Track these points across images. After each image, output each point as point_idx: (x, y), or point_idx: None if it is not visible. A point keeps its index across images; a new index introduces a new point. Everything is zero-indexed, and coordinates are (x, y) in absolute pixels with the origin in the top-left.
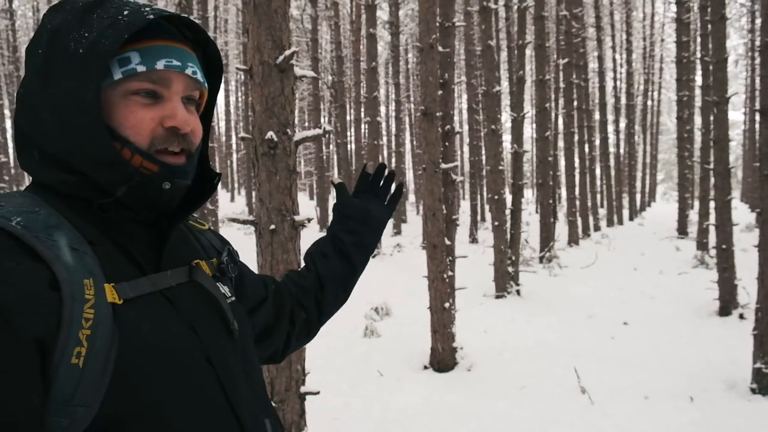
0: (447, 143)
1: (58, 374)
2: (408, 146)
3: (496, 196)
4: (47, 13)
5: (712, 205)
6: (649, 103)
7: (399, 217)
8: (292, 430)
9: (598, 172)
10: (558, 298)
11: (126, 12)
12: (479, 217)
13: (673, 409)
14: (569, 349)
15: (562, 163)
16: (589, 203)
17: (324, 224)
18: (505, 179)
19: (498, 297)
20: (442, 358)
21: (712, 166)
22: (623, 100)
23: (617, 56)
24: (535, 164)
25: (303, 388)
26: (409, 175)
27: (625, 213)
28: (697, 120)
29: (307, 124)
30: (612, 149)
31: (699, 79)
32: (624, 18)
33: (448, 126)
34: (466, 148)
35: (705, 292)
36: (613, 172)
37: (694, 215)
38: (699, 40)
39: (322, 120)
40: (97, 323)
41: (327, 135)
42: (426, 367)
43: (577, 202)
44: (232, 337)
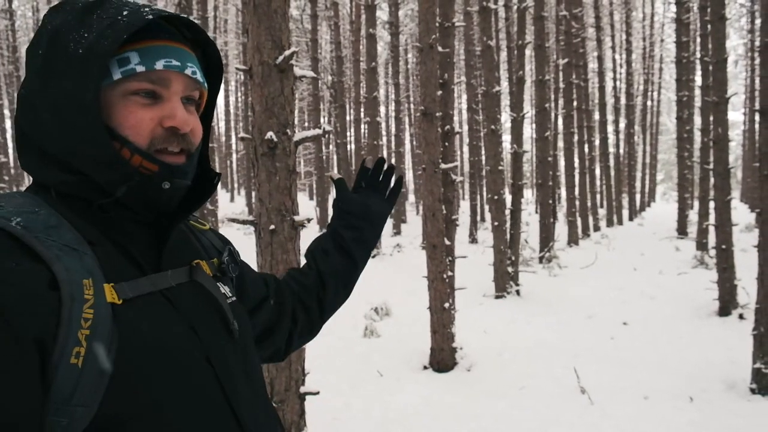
0: (447, 143)
1: (57, 374)
2: (408, 146)
3: (496, 197)
4: (47, 14)
5: (712, 205)
6: (649, 103)
7: (399, 218)
8: (291, 430)
9: (598, 172)
10: (558, 298)
11: (125, 12)
12: (479, 218)
13: (672, 410)
14: (569, 349)
15: (562, 163)
16: (589, 203)
17: (324, 224)
18: (505, 179)
19: (498, 297)
20: (442, 358)
21: (711, 167)
22: (623, 101)
23: (617, 56)
24: (535, 164)
25: (303, 388)
26: (409, 175)
27: (625, 213)
28: (697, 120)
29: (307, 124)
30: (612, 149)
31: (699, 80)
32: (624, 18)
33: (448, 126)
34: (466, 149)
35: (705, 293)
36: (612, 173)
37: (693, 215)
38: (699, 40)
39: (322, 120)
40: (96, 323)
41: (327, 135)
42: (426, 368)
43: (577, 203)
44: (232, 337)
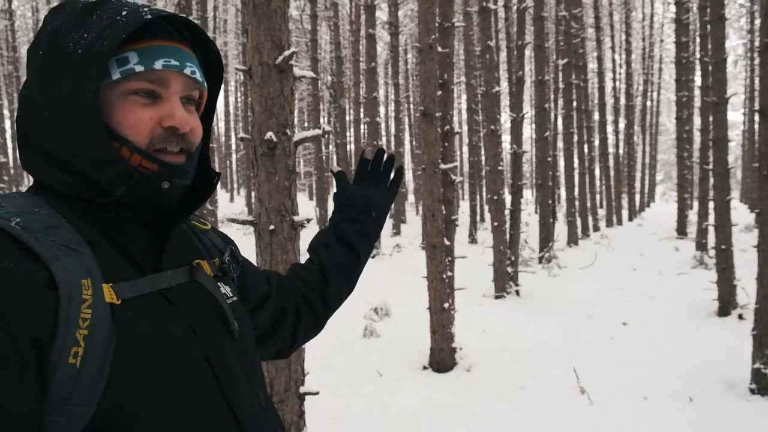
0: (446, 143)
1: (56, 374)
2: (407, 147)
3: (496, 197)
4: (48, 15)
5: (712, 205)
6: (649, 103)
7: (398, 218)
8: (291, 431)
9: (598, 172)
10: (557, 298)
11: (124, 12)
12: (478, 218)
13: (672, 410)
14: (568, 349)
15: (562, 163)
16: (589, 204)
17: (323, 224)
18: (505, 180)
19: (497, 297)
20: (442, 359)
21: (711, 167)
22: (622, 101)
23: (616, 57)
24: (535, 165)
25: (302, 389)
26: (409, 176)
27: (625, 213)
28: (697, 120)
29: (307, 125)
30: (611, 150)
31: (698, 80)
32: (623, 18)
33: (448, 126)
34: (466, 149)
35: (704, 293)
36: (612, 173)
37: (693, 216)
38: (698, 40)
39: (322, 120)
40: (94, 323)
41: (326, 135)
42: (425, 368)
43: (577, 203)
44: (232, 338)
